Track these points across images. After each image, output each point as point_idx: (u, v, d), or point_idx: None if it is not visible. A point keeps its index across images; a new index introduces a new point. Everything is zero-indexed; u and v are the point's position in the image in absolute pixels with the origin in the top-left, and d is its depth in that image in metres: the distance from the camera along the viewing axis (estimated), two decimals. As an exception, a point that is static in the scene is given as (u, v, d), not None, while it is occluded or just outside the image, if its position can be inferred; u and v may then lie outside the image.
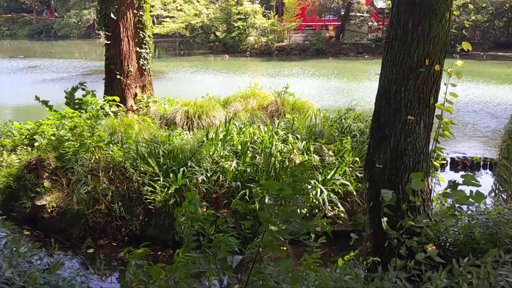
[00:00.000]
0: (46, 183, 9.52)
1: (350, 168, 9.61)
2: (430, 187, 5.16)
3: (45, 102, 12.74)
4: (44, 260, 4.67)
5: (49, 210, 9.14)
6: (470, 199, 4.24)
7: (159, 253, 8.36)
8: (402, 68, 4.83)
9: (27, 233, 9.03)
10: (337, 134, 10.82)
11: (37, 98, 12.77)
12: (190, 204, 3.78)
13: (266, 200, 3.40)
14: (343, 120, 11.69)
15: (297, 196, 3.40)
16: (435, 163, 5.34)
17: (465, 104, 20.16)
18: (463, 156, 12.52)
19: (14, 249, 4.24)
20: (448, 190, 4.39)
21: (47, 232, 8.94)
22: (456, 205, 4.53)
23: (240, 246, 3.65)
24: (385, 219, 4.66)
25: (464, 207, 5.08)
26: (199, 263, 3.55)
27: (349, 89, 25.39)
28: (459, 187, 4.36)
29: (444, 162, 11.60)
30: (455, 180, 4.50)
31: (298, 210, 3.37)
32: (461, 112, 18.48)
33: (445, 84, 5.27)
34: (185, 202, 3.87)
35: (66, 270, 5.02)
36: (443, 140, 5.60)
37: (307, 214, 8.58)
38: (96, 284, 7.03)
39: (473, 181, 4.25)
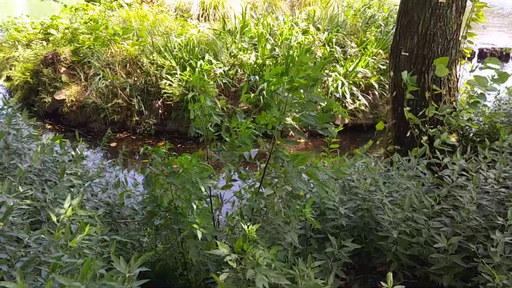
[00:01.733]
0: (64, 77, 9.47)
1: (373, 60, 9.25)
2: (457, 76, 4.90)
3: (57, -4, 12.30)
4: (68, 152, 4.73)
5: (68, 105, 9.19)
6: (493, 83, 4.02)
7: (178, 145, 8.47)
8: None
9: (49, 127, 9.20)
10: (360, 24, 10.29)
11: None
12: (205, 94, 3.66)
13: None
14: (367, 9, 11.06)
15: (312, 85, 3.24)
16: (465, 50, 5.02)
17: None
18: (492, 47, 11.90)
19: (43, 142, 4.27)
20: (471, 76, 4.17)
21: (68, 127, 9.09)
22: (480, 91, 4.30)
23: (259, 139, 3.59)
24: (408, 108, 4.49)
25: (491, 97, 4.87)
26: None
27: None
28: (483, 74, 4.14)
29: (472, 53, 11.08)
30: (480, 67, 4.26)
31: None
32: None
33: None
34: (201, 96, 3.75)
35: (90, 161, 5.11)
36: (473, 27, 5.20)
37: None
38: (120, 176, 7.21)
39: (495, 64, 4.00)
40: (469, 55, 5.21)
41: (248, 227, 2.89)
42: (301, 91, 3.21)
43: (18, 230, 2.59)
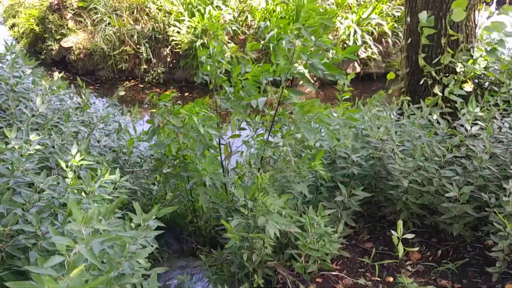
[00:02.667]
0: (70, 24, 9.31)
1: (387, 7, 8.94)
2: (475, 21, 4.70)
3: None
4: (74, 99, 4.69)
5: (76, 52, 9.07)
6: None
7: (186, 94, 8.40)
8: None
9: (60, 75, 9.07)
10: (375, -32, 9.88)
11: None
12: (215, 40, 3.55)
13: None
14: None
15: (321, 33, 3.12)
16: (485, -7, 4.80)
17: None
18: (512, -7, 11.45)
19: (47, 86, 4.22)
20: (489, 22, 4.00)
21: (76, 75, 9.00)
22: (500, 38, 4.14)
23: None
24: (423, 55, 4.35)
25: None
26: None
27: None
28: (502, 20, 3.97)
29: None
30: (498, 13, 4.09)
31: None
32: None
33: None
34: (210, 41, 3.64)
35: (97, 109, 5.07)
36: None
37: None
38: (128, 124, 7.20)
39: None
40: (488, 0, 4.99)
41: (260, 175, 2.88)
42: (310, 38, 3.11)
43: (32, 174, 2.59)
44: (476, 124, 3.66)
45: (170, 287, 3.37)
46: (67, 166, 2.80)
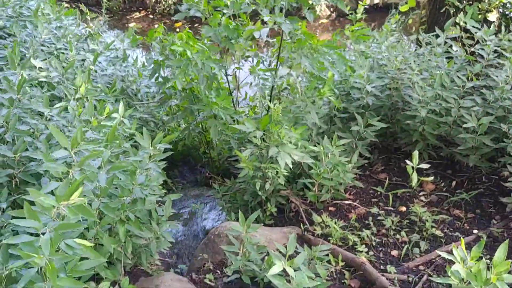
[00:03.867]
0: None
1: None
2: None
3: None
4: (82, 29, 4.58)
5: (84, -18, 8.81)
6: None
7: (196, 25, 8.18)
8: None
9: (66, 5, 8.89)
10: None
11: None
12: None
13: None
14: None
15: None
16: None
17: None
18: None
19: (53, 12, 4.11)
20: None
21: (87, 5, 8.77)
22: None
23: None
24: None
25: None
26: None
27: None
28: None
29: None
30: None
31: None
32: None
33: None
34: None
35: (106, 38, 4.96)
36: None
37: None
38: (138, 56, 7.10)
39: None
40: None
41: (274, 105, 2.81)
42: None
43: (37, 103, 2.55)
44: (498, 53, 3.50)
45: (184, 215, 3.42)
46: (73, 95, 2.75)
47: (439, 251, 2.29)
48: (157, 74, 3.46)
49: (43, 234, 1.66)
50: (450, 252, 2.13)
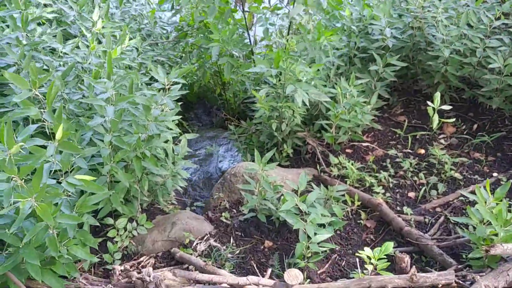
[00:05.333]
0: None
1: None
2: None
3: None
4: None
5: None
6: None
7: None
8: None
9: None
10: None
11: None
12: None
13: None
14: None
15: None
16: None
17: None
18: None
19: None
20: None
21: None
22: None
23: None
24: None
25: None
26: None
27: None
28: None
29: None
30: None
31: None
32: None
33: None
34: None
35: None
36: None
37: None
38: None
39: None
40: None
41: (287, 40, 2.71)
42: None
43: (50, 39, 2.50)
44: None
45: (199, 156, 3.42)
46: (89, 32, 2.69)
47: (462, 191, 2.26)
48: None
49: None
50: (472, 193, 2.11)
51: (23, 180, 1.64)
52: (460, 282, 1.92)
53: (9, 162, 1.57)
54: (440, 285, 1.90)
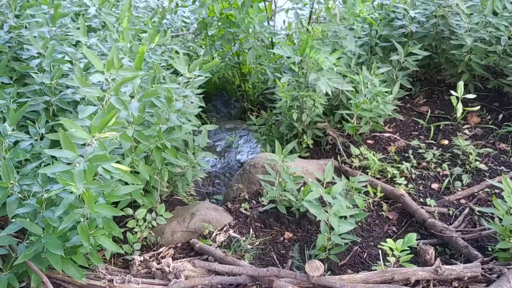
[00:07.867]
0: None
1: None
2: None
3: None
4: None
5: None
6: None
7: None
8: None
9: None
10: None
11: None
12: None
13: None
14: None
15: None
16: None
17: None
18: None
19: None
20: None
21: None
22: None
23: None
24: None
25: None
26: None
27: None
28: None
29: None
30: None
31: None
32: None
33: None
34: None
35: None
36: None
37: None
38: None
39: None
40: None
41: (312, 28, 2.67)
42: None
43: (75, 30, 2.50)
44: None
45: (219, 148, 3.41)
46: (114, 26, 2.69)
47: (489, 181, 2.20)
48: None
49: (78, 164, 1.65)
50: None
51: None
52: (487, 275, 1.87)
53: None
54: (466, 278, 1.86)
